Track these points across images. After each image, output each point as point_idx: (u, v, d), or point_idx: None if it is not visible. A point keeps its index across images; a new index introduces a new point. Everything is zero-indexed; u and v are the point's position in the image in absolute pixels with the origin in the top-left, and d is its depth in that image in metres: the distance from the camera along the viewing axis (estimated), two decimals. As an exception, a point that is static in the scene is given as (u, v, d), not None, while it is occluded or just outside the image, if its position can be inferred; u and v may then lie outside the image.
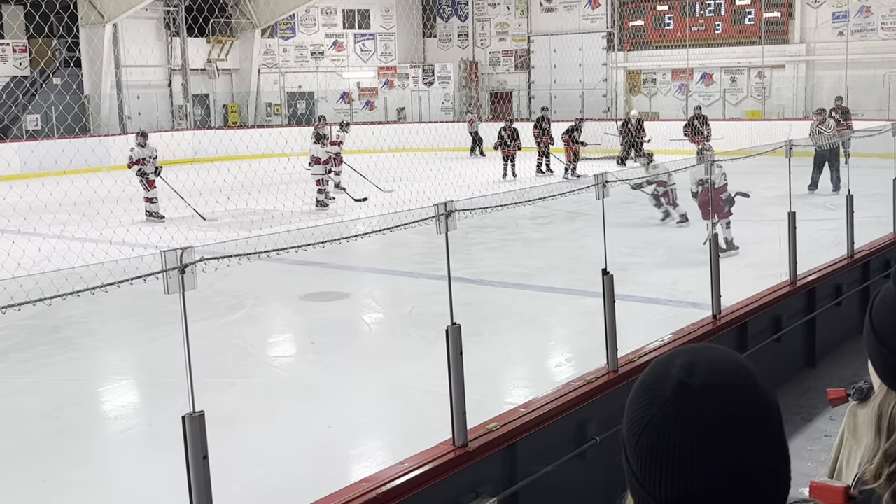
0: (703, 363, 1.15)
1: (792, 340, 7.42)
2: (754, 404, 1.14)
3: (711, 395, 1.12)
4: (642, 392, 1.17)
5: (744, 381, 1.15)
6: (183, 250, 3.27)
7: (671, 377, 1.14)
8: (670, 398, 1.12)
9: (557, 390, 5.13)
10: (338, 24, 34.47)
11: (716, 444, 1.10)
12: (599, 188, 5.37)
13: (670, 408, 1.12)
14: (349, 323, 9.40)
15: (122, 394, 7.55)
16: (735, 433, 1.11)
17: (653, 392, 1.15)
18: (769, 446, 1.13)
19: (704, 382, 1.12)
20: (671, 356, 1.18)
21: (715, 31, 30.16)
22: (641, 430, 1.13)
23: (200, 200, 13.96)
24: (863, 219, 9.28)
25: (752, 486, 1.11)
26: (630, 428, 1.16)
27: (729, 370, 1.15)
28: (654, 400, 1.14)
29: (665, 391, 1.13)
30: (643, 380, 1.18)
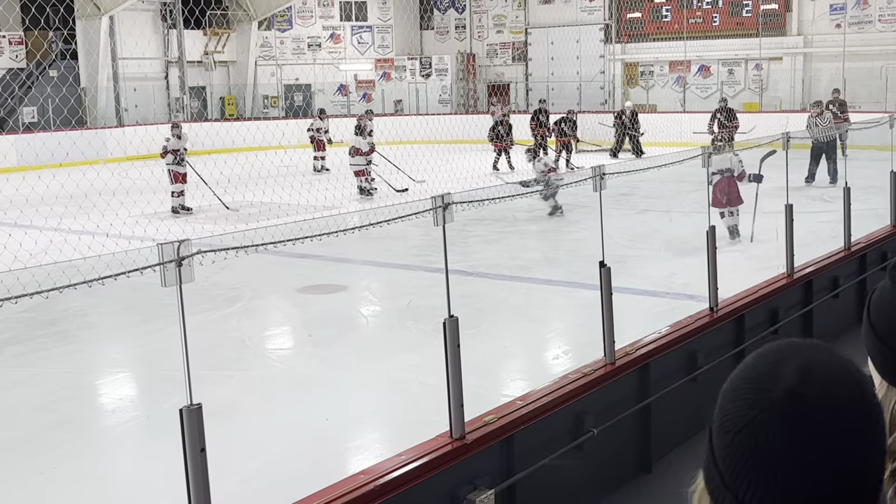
0: (819, 371, 1.06)
1: (789, 332, 7.43)
2: (865, 415, 1.07)
3: (825, 406, 1.04)
4: (745, 389, 1.09)
5: (858, 391, 1.07)
6: (180, 243, 3.27)
7: (783, 380, 1.06)
8: (779, 403, 1.04)
9: (554, 383, 5.13)
10: (335, 16, 34.41)
11: (821, 455, 1.03)
12: (597, 180, 5.37)
13: (777, 413, 1.04)
14: (346, 316, 9.40)
15: (120, 386, 7.55)
16: (844, 444, 1.04)
17: (758, 392, 1.07)
18: (873, 454, 1.07)
19: (820, 394, 1.04)
20: (781, 354, 1.10)
21: (712, 23, 30.14)
22: (738, 430, 1.06)
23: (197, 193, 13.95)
24: (860, 211, 9.29)
25: (852, 492, 1.05)
26: (724, 424, 1.09)
27: (845, 381, 1.07)
28: (759, 401, 1.06)
29: (773, 394, 1.05)
30: (746, 376, 1.11)
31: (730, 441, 1.06)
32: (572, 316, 9.10)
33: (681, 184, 16.59)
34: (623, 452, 5.61)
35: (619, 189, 13.88)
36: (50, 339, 8.57)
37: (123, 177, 17.08)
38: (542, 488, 4.86)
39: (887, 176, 9.59)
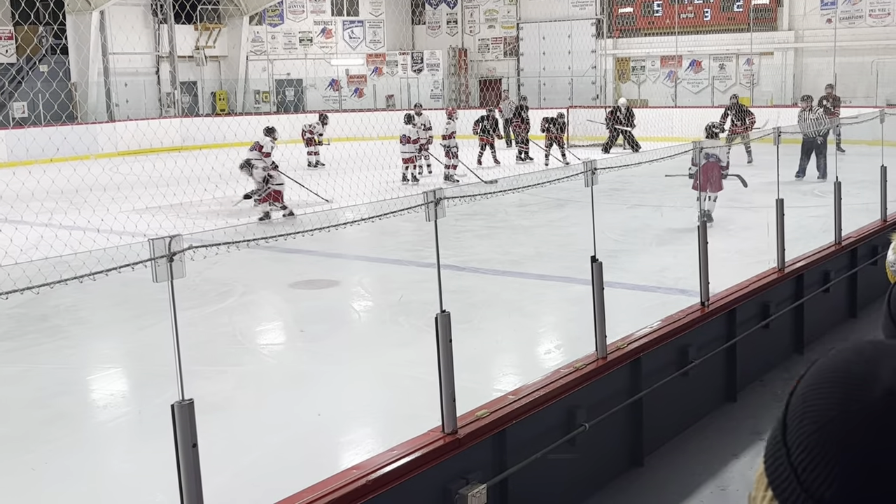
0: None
1: (780, 327, 7.46)
2: None
3: None
4: (837, 385, 1.06)
5: None
6: (171, 238, 3.26)
7: (881, 380, 1.04)
8: (876, 402, 1.02)
9: (546, 377, 5.14)
10: (326, 10, 34.34)
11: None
12: (588, 175, 5.37)
13: (872, 411, 1.02)
14: (339, 311, 9.40)
15: (112, 382, 7.54)
16: None
17: (852, 390, 1.04)
18: None
19: None
20: (877, 354, 1.08)
21: (703, 17, 30.17)
22: (825, 423, 1.04)
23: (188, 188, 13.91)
24: (851, 206, 9.32)
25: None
26: (806, 416, 1.06)
27: None
28: (852, 398, 1.03)
29: (869, 393, 1.03)
30: (837, 372, 1.08)
31: (813, 434, 1.04)
32: (564, 311, 9.12)
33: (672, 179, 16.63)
34: (615, 446, 5.63)
35: (610, 184, 13.92)
36: (41, 334, 8.55)
37: (114, 172, 17.02)
38: (535, 483, 4.87)
39: (877, 171, 9.62)
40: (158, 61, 31.25)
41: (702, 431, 6.01)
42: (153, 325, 8.10)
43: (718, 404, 6.60)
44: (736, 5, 29.59)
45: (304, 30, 34.23)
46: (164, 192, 14.99)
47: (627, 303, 8.51)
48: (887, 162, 9.59)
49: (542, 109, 26.79)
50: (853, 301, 8.78)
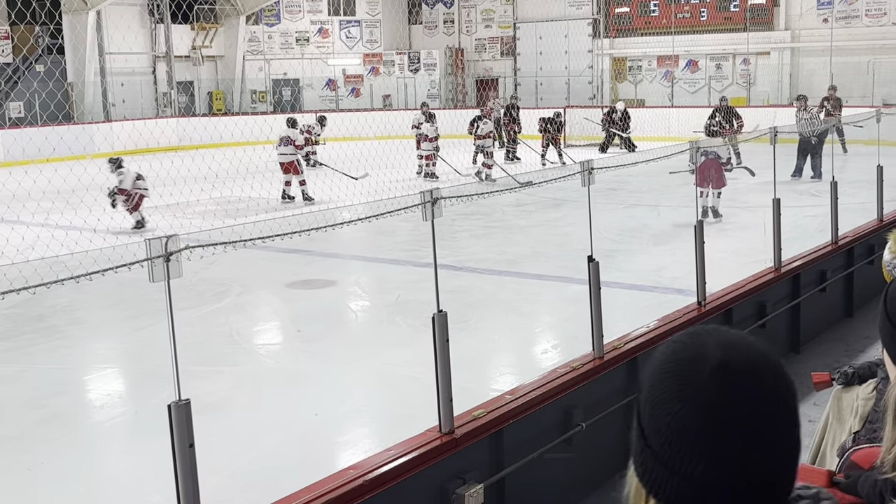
0: (739, 344, 1.15)
1: (776, 326, 7.46)
2: (788, 385, 1.15)
3: (752, 373, 1.12)
4: (672, 373, 1.14)
5: (775, 361, 1.16)
6: (168, 238, 3.26)
7: (707, 358, 1.13)
8: (709, 377, 1.11)
9: (543, 377, 5.14)
10: (323, 10, 34.33)
11: (759, 422, 1.11)
12: (585, 175, 5.37)
13: (710, 386, 1.11)
14: (335, 311, 9.39)
15: (108, 382, 7.53)
16: (771, 421, 1.12)
17: (684, 374, 1.13)
18: (797, 423, 1.15)
19: (747, 361, 1.13)
20: (699, 336, 1.17)
21: (700, 17, 30.19)
22: (675, 411, 1.11)
23: (185, 188, 13.90)
24: (847, 205, 9.33)
25: (785, 462, 1.13)
26: (656, 409, 1.13)
27: (761, 350, 1.16)
28: (689, 380, 1.12)
29: (702, 371, 1.12)
30: (669, 359, 1.16)
31: (666, 427, 1.12)
32: (561, 310, 9.12)
33: (669, 178, 16.64)
34: (612, 446, 5.62)
35: (607, 184, 13.92)
36: (37, 334, 8.54)
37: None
38: (532, 482, 4.87)
39: (874, 170, 9.63)
40: (155, 61, 31.21)
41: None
42: (150, 326, 8.10)
43: (715, 404, 6.59)
44: (732, 5, 29.62)
45: (300, 29, 34.22)
46: (160, 192, 14.98)
47: (624, 302, 8.51)
48: (884, 161, 9.60)
49: (539, 109, 26.79)
50: (849, 300, 8.79)
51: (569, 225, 12.87)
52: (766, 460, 1.10)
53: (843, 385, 4.54)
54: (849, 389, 4.52)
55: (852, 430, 4.30)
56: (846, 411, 4.47)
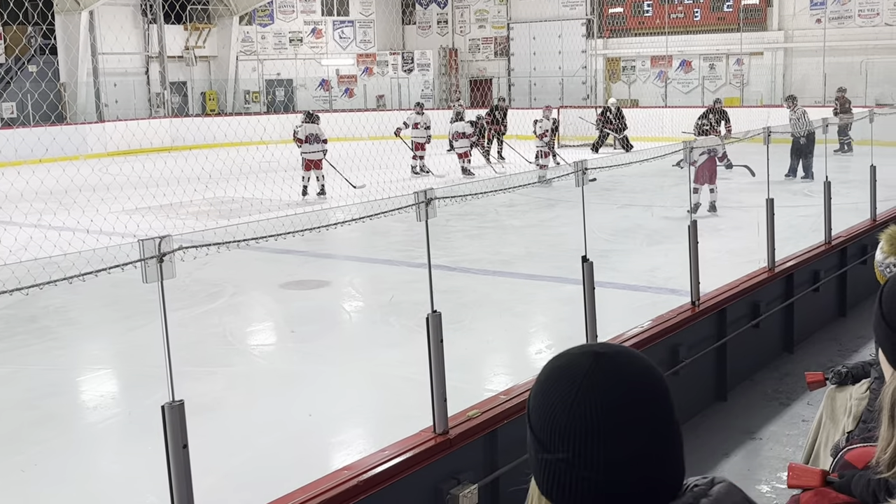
0: (602, 343, 1.28)
1: (770, 326, 7.47)
2: (659, 371, 1.26)
3: (625, 358, 1.23)
4: (554, 380, 1.23)
5: (640, 353, 1.28)
6: (161, 239, 3.25)
7: (582, 355, 1.23)
8: (592, 367, 1.20)
9: (538, 377, 5.13)
10: (316, 10, 34.30)
11: (647, 400, 1.19)
12: (579, 175, 5.37)
13: (595, 373, 1.19)
14: (329, 311, 9.38)
15: (102, 383, 7.51)
16: (654, 391, 1.21)
17: (568, 374, 1.22)
18: (675, 407, 1.24)
19: (615, 350, 1.24)
20: (569, 353, 1.27)
21: (693, 18, 30.23)
22: (570, 406, 1.19)
23: (178, 189, 13.87)
24: (840, 205, 9.35)
25: (674, 443, 1.21)
26: (550, 411, 1.21)
27: (626, 348, 1.27)
28: (574, 377, 1.20)
29: (582, 366, 1.21)
30: (550, 368, 1.25)
31: (567, 420, 1.19)
32: (555, 310, 9.12)
33: (663, 178, 16.66)
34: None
35: (601, 184, 13.92)
36: (30, 335, 8.51)
37: (104, 172, 16.98)
38: (526, 482, 4.87)
39: (867, 170, 9.66)
40: (148, 61, 31.16)
41: (693, 430, 6.02)
42: (143, 326, 8.08)
43: (709, 403, 6.61)
44: (726, 5, 29.67)
45: (294, 30, 34.19)
46: (153, 193, 14.97)
47: (618, 302, 8.52)
48: (877, 161, 9.62)
49: (533, 110, 26.80)
50: (843, 300, 8.81)
51: (563, 225, 12.87)
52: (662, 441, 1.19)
53: (836, 385, 4.54)
54: (842, 389, 4.52)
55: (846, 429, 4.31)
56: (840, 411, 4.48)
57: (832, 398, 4.57)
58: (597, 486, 1.17)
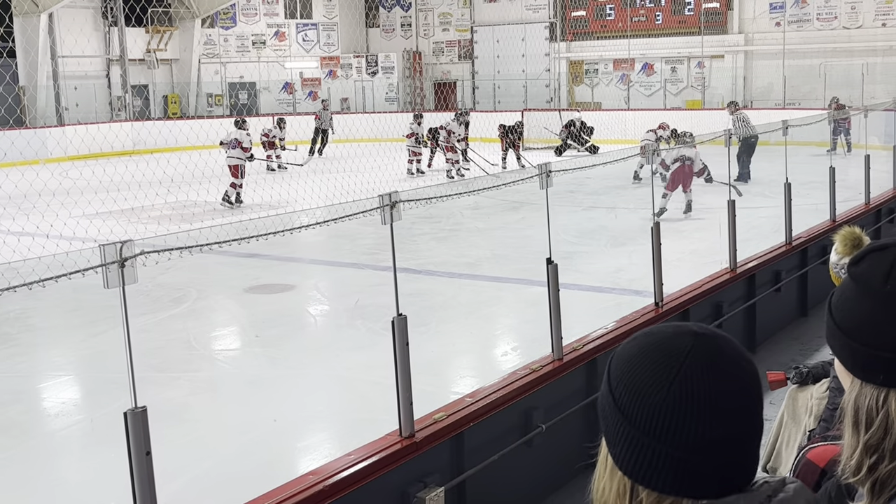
0: (699, 325, 1.27)
1: (732, 326, 7.54)
2: (751, 358, 1.27)
3: (724, 340, 1.24)
4: (650, 356, 1.23)
5: (734, 341, 1.27)
6: (122, 244, 3.22)
7: (681, 335, 1.24)
8: (692, 349, 1.21)
9: (503, 379, 5.15)
10: (279, 13, 34.15)
11: (745, 385, 1.22)
12: (543, 178, 5.39)
13: (698, 353, 1.21)
14: (294, 315, 9.34)
15: (63, 390, 7.41)
16: (750, 374, 1.23)
17: (667, 352, 1.22)
18: (762, 399, 1.27)
19: (713, 332, 1.25)
20: (656, 327, 1.27)
21: (655, 21, 30.49)
22: (670, 383, 1.20)
23: (139, 193, 13.75)
24: (800, 206, 9.46)
25: (760, 431, 1.25)
26: (644, 387, 1.22)
27: (720, 332, 1.27)
28: (674, 356, 1.21)
29: (683, 346, 1.22)
30: (644, 344, 1.25)
31: (663, 396, 1.20)
32: (521, 312, 9.14)
33: (626, 180, 16.79)
34: (572, 447, 5.65)
35: (565, 186, 13.99)
36: (-10, 343, 8.39)
37: (64, 177, 16.78)
38: (493, 484, 4.88)
39: (826, 171, 9.79)
40: (109, 64, 30.84)
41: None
42: (105, 332, 7.99)
43: (673, 404, 6.64)
44: (687, 9, 29.95)
45: (256, 32, 34.01)
46: (114, 197, 14.80)
47: (583, 304, 8.56)
48: (836, 163, 9.76)
49: (498, 112, 26.88)
50: (804, 300, 8.92)
51: (528, 227, 12.92)
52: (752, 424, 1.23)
53: (797, 384, 4.61)
54: (803, 389, 4.59)
55: (807, 428, 4.37)
56: (801, 410, 4.53)
57: (793, 398, 4.63)
58: (680, 464, 1.19)
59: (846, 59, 27.08)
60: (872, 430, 1.40)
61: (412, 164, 21.17)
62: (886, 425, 1.39)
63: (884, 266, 1.44)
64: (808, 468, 3.17)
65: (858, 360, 1.45)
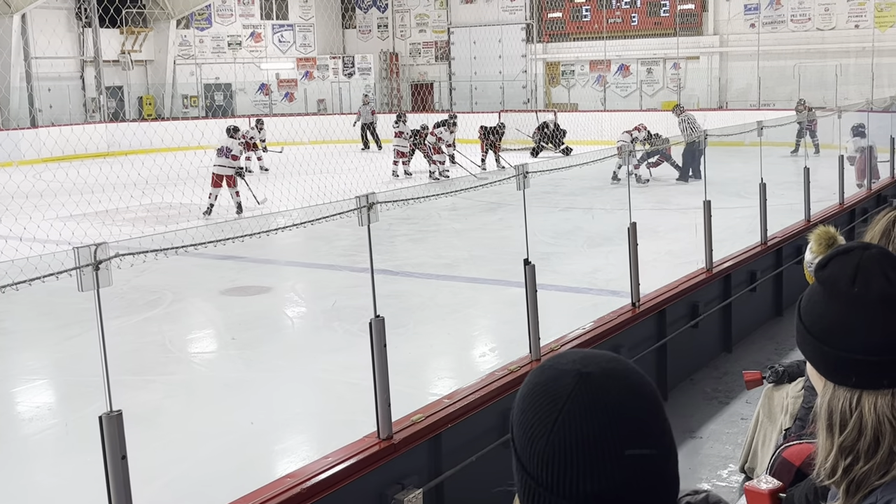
0: (592, 355, 1.18)
1: (709, 326, 7.58)
2: (650, 387, 1.18)
3: (612, 377, 1.15)
4: (536, 397, 1.17)
5: (631, 367, 1.18)
6: (97, 246, 3.19)
7: (566, 373, 1.16)
8: (575, 390, 1.13)
9: (481, 380, 5.15)
10: (255, 14, 34.01)
11: (631, 430, 1.12)
12: (520, 179, 5.40)
13: (578, 398, 1.13)
14: (271, 317, 9.30)
15: (37, 394, 7.34)
16: (642, 412, 1.14)
17: (551, 394, 1.15)
18: (667, 428, 1.18)
19: (602, 368, 1.15)
20: (555, 359, 1.19)
21: (631, 22, 30.63)
22: (549, 430, 1.13)
23: (114, 195, 13.65)
24: (775, 206, 9.52)
25: (663, 469, 1.15)
26: (530, 432, 1.16)
27: (614, 358, 1.19)
28: (556, 399, 1.14)
29: (565, 387, 1.14)
30: (533, 384, 1.18)
31: (546, 443, 1.13)
32: (498, 313, 9.15)
33: (602, 181, 16.85)
34: (550, 448, 5.65)
35: (542, 187, 14.01)
36: (-38, 347, 8.30)
37: (37, 179, 16.64)
38: (471, 486, 4.87)
39: (801, 172, 9.86)
40: (83, 65, 30.60)
41: (635, 431, 6.07)
42: (80, 335, 7.92)
43: (650, 403, 6.66)
44: (662, 10, 30.10)
45: (232, 33, 33.86)
46: (89, 199, 14.67)
47: (560, 305, 8.58)
48: (810, 163, 9.83)
49: (475, 114, 26.91)
50: (779, 300, 8.98)
51: (505, 228, 12.93)
52: (650, 466, 1.13)
53: (773, 384, 4.63)
54: (779, 388, 4.61)
55: (783, 427, 4.39)
56: (777, 409, 4.56)
57: (769, 397, 4.65)
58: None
59: (820, 60, 27.30)
60: (846, 432, 1.41)
61: (398, 166, 21.09)
62: (860, 427, 1.41)
63: (849, 269, 1.45)
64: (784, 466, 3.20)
65: (830, 363, 1.46)
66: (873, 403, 1.40)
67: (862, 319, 1.42)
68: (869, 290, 1.42)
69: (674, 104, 21.54)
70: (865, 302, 1.42)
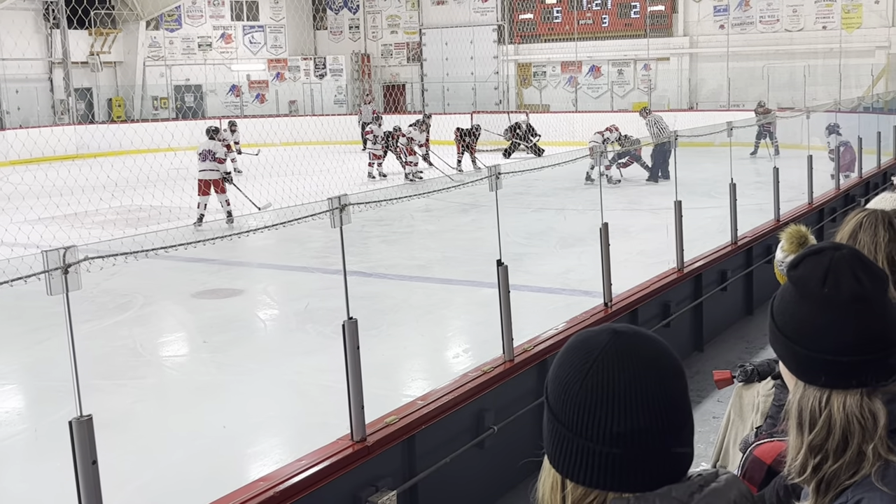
0: (626, 325, 1.30)
1: (680, 325, 7.63)
2: (675, 355, 1.29)
3: (642, 337, 1.27)
4: (572, 352, 1.28)
5: (658, 339, 1.31)
6: (66, 249, 3.15)
7: (601, 332, 1.28)
8: (607, 344, 1.25)
9: (455, 381, 5.15)
10: (225, 15, 33.84)
11: (657, 380, 1.23)
12: (493, 180, 5.41)
13: (611, 349, 1.24)
14: (243, 320, 9.25)
15: (6, 399, 7.26)
16: (668, 369, 1.25)
17: (585, 348, 1.26)
18: (687, 395, 1.29)
19: (633, 330, 1.28)
20: (588, 332, 1.30)
21: (602, 24, 30.77)
22: (583, 377, 1.23)
23: (83, 197, 13.52)
24: (745, 206, 9.60)
25: (683, 423, 1.25)
26: (565, 381, 1.25)
27: (645, 331, 1.31)
28: (591, 351, 1.25)
29: (600, 341, 1.26)
30: (569, 344, 1.29)
31: (578, 390, 1.24)
32: (472, 314, 9.16)
33: (574, 182, 16.91)
34: (523, 448, 5.66)
35: (514, 188, 14.05)
36: (-71, 352, 8.18)
37: (5, 182, 16.46)
38: (445, 487, 4.87)
39: (763, 172, 9.94)
40: (51, 67, 30.31)
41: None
42: (49, 339, 7.84)
43: (623, 403, 6.69)
44: (633, 12, 30.27)
45: (202, 35, 33.66)
46: (57, 202, 14.52)
47: (534, 305, 8.59)
48: (779, 164, 9.92)
49: (447, 115, 26.91)
50: (749, 299, 9.05)
51: (478, 229, 12.95)
52: (672, 414, 1.24)
53: (743, 382, 4.66)
54: (749, 387, 4.64)
55: (754, 425, 4.42)
56: (748, 408, 4.59)
57: (740, 395, 4.68)
58: (601, 458, 1.21)
59: (788, 61, 27.57)
60: (816, 431, 1.43)
61: (373, 168, 21.05)
62: (829, 426, 1.42)
63: (820, 270, 1.47)
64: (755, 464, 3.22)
65: (800, 362, 1.48)
66: (842, 403, 1.42)
67: (832, 320, 1.43)
68: (839, 291, 1.44)
69: (643, 105, 21.70)
70: (836, 303, 1.43)
